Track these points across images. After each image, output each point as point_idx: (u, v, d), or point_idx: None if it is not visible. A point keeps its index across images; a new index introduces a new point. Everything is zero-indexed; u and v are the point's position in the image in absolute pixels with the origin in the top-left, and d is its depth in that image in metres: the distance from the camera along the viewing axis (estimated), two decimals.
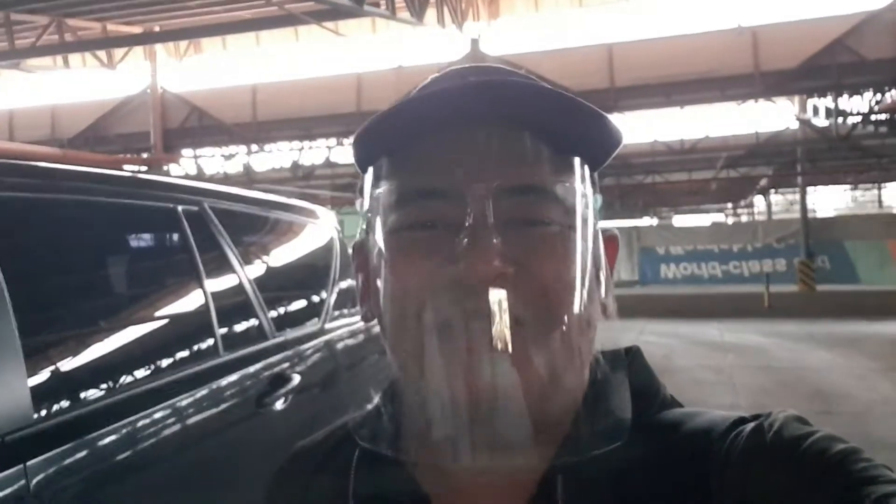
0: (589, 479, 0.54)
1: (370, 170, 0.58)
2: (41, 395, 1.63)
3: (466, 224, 0.50)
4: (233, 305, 2.55)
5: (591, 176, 0.58)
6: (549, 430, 0.55)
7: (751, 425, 0.54)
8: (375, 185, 0.57)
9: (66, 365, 1.83)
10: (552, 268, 0.52)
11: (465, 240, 0.50)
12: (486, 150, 0.52)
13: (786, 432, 0.51)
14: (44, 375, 1.71)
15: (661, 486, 0.53)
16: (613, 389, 0.57)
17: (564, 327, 0.52)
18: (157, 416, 1.95)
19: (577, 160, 0.55)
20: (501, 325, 0.49)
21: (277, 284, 3.01)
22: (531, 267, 0.51)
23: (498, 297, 0.49)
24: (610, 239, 0.63)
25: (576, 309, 0.53)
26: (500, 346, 0.49)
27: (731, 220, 25.87)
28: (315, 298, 3.20)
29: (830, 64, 11.14)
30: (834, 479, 0.47)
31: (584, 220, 0.55)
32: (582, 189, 0.55)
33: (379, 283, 0.55)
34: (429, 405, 0.54)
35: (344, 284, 3.43)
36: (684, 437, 0.56)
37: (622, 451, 0.53)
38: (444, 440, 0.55)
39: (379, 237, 0.56)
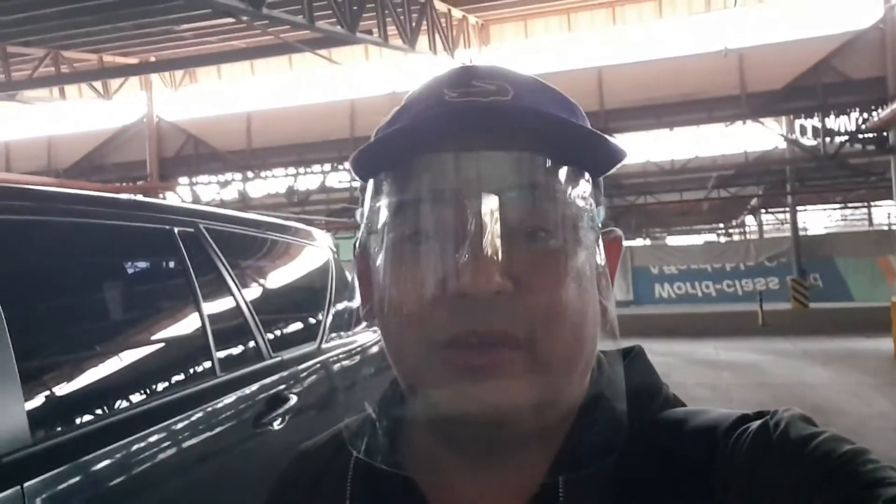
0: (591, 480, 0.53)
1: (370, 181, 0.58)
2: (39, 418, 1.62)
3: (465, 238, 0.50)
4: (229, 326, 2.54)
5: (595, 185, 0.58)
6: (549, 433, 0.56)
7: (756, 423, 0.54)
8: (375, 196, 0.57)
9: (64, 388, 1.83)
10: (552, 283, 0.52)
11: (465, 254, 0.50)
12: (483, 162, 0.52)
13: (792, 432, 0.51)
14: (42, 398, 1.71)
15: (664, 484, 0.53)
16: (615, 390, 0.57)
17: (564, 338, 0.52)
18: (155, 437, 1.94)
19: (575, 169, 0.55)
20: (498, 332, 0.50)
21: (274, 305, 3.02)
22: (531, 282, 0.51)
23: (495, 304, 0.49)
24: (613, 240, 0.62)
25: (575, 320, 0.53)
26: (494, 366, 0.50)
27: (723, 240, 25.95)
28: (312, 319, 3.22)
29: (816, 84, 11.31)
30: (842, 479, 0.46)
31: (584, 228, 0.55)
32: (582, 200, 0.55)
33: (379, 290, 0.56)
34: (426, 417, 0.55)
35: (340, 306, 3.45)
36: (688, 435, 0.56)
37: (625, 449, 0.53)
38: (442, 445, 0.57)
39: (379, 247, 0.56)
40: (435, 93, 0.58)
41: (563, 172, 0.54)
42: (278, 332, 2.88)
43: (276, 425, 2.46)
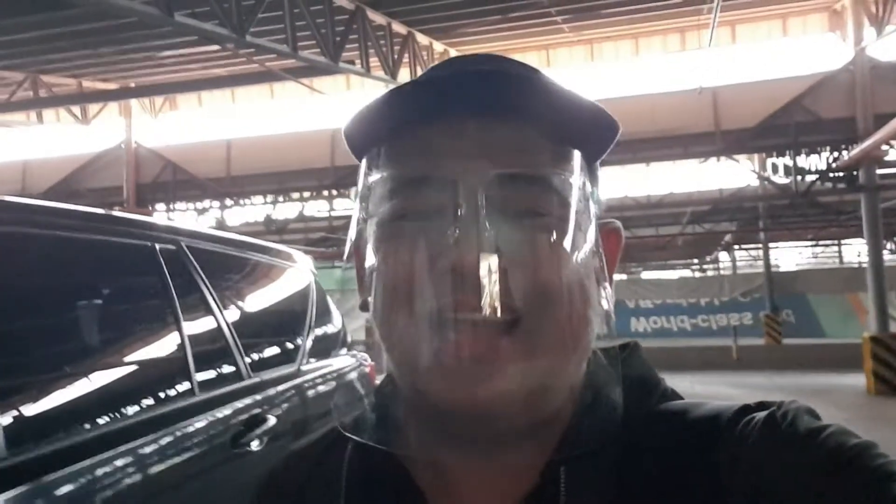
0: (591, 470, 0.53)
1: (364, 158, 0.57)
2: (15, 433, 1.61)
3: (458, 214, 0.49)
4: (208, 345, 2.53)
5: (591, 167, 0.57)
6: (545, 424, 0.54)
7: (762, 415, 0.53)
8: (369, 173, 0.56)
9: (41, 405, 1.80)
10: (545, 261, 0.51)
11: (457, 231, 0.49)
12: (479, 139, 0.52)
13: (800, 423, 0.51)
14: (19, 414, 1.69)
15: (668, 473, 0.52)
16: (613, 382, 0.56)
17: (558, 321, 0.51)
18: (131, 456, 1.91)
19: (572, 151, 0.54)
20: (491, 311, 0.49)
21: (254, 325, 3.00)
22: (524, 260, 0.50)
23: (488, 283, 0.48)
24: (612, 231, 0.61)
25: (569, 303, 0.51)
26: (487, 347, 0.49)
27: (697, 275, 26.19)
28: (292, 341, 3.20)
29: (788, 123, 11.57)
30: (852, 473, 0.46)
31: (580, 212, 0.53)
32: (578, 180, 0.54)
33: (372, 272, 0.55)
34: (420, 399, 0.54)
35: (320, 329, 3.44)
36: (690, 425, 0.55)
37: (625, 441, 0.53)
38: (437, 435, 0.55)
39: (372, 226, 0.55)
40: (430, 74, 0.58)
41: (557, 148, 0.53)
42: (258, 353, 2.85)
43: (255, 446, 2.43)
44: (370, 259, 0.55)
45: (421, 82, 0.54)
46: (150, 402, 2.13)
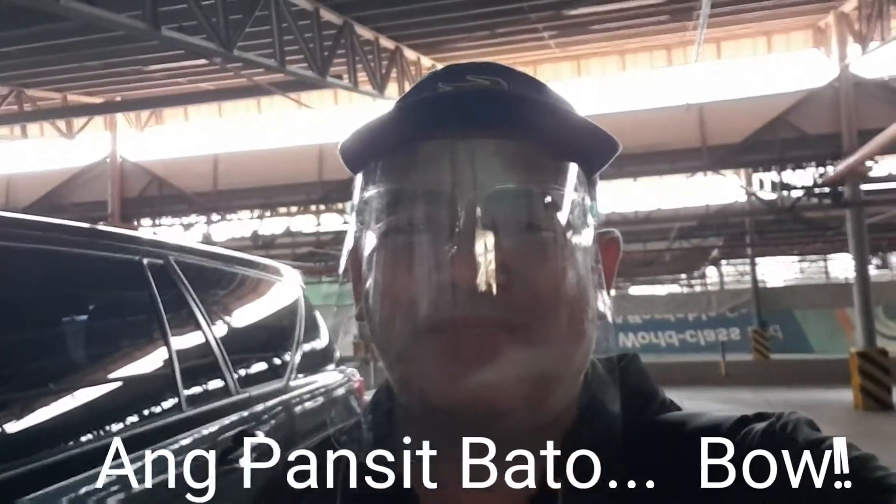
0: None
1: (361, 172, 0.57)
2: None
3: (457, 229, 0.50)
4: (196, 360, 2.50)
5: (590, 181, 0.57)
6: (544, 433, 0.54)
7: (761, 426, 0.53)
8: (366, 187, 0.56)
9: (23, 422, 1.76)
10: (543, 275, 0.51)
11: (455, 246, 0.49)
12: (479, 154, 0.51)
13: (800, 436, 0.51)
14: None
15: (665, 485, 0.52)
16: (611, 393, 0.56)
17: (557, 333, 0.51)
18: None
19: (571, 165, 0.54)
20: (489, 324, 0.49)
21: (242, 340, 2.97)
22: (522, 274, 0.50)
23: (486, 297, 0.48)
24: (611, 241, 0.62)
25: (567, 316, 0.52)
26: (486, 350, 0.49)
27: (685, 291, 26.31)
28: (280, 356, 3.16)
29: (774, 139, 11.69)
30: (852, 485, 0.46)
31: (578, 225, 0.54)
32: (576, 194, 0.54)
33: (369, 284, 0.55)
34: (420, 406, 0.54)
35: (308, 344, 3.40)
36: (689, 436, 0.55)
37: (624, 451, 0.53)
38: (435, 443, 0.55)
39: (370, 240, 0.55)
40: (429, 85, 0.58)
41: (556, 163, 0.53)
42: (246, 368, 2.82)
43: (243, 462, 2.38)
44: (368, 272, 0.55)
45: (423, 100, 0.55)
46: (136, 418, 2.09)
